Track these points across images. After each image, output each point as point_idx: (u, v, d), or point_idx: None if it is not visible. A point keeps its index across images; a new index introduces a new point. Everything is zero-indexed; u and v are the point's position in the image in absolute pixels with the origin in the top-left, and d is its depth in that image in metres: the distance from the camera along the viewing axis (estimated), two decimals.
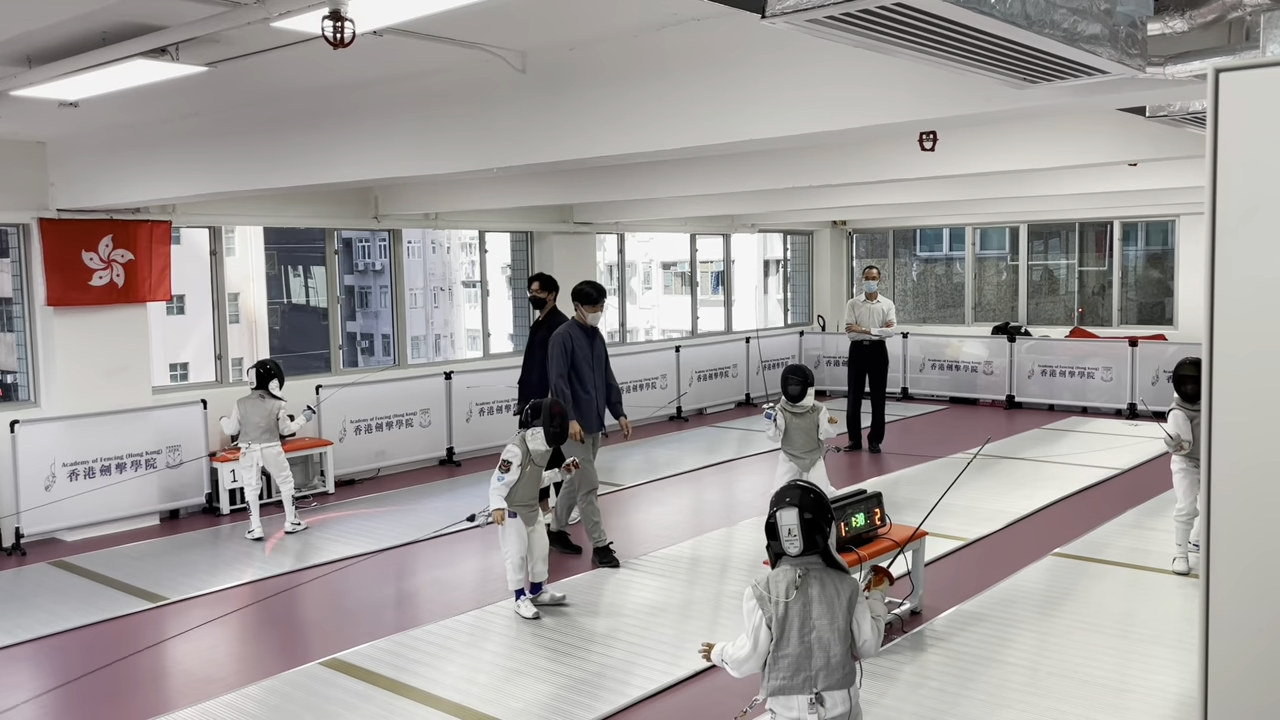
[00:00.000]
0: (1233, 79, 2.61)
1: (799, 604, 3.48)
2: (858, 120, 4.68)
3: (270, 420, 8.27)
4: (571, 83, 5.47)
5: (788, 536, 3.54)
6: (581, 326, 7.74)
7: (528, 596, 6.46)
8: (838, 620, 3.47)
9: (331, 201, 10.63)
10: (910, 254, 17.68)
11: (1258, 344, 2.62)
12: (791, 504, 3.55)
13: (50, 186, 8.50)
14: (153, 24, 4.70)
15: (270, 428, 8.28)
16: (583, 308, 7.74)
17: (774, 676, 3.49)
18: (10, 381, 9.46)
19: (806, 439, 7.31)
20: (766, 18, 2.98)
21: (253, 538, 8.30)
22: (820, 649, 3.46)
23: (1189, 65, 3.73)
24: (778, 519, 3.57)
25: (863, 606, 3.55)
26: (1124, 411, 13.49)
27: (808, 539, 3.51)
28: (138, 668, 5.92)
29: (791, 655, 3.46)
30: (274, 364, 8.50)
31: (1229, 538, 2.68)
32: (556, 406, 6.38)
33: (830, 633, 3.46)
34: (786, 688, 3.47)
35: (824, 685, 3.46)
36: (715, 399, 14.87)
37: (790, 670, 3.46)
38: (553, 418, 6.29)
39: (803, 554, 3.53)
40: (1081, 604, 6.45)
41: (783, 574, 3.54)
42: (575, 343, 7.66)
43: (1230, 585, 2.68)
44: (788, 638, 3.46)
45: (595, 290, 7.76)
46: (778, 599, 3.49)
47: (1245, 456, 2.64)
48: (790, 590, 3.48)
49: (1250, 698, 2.67)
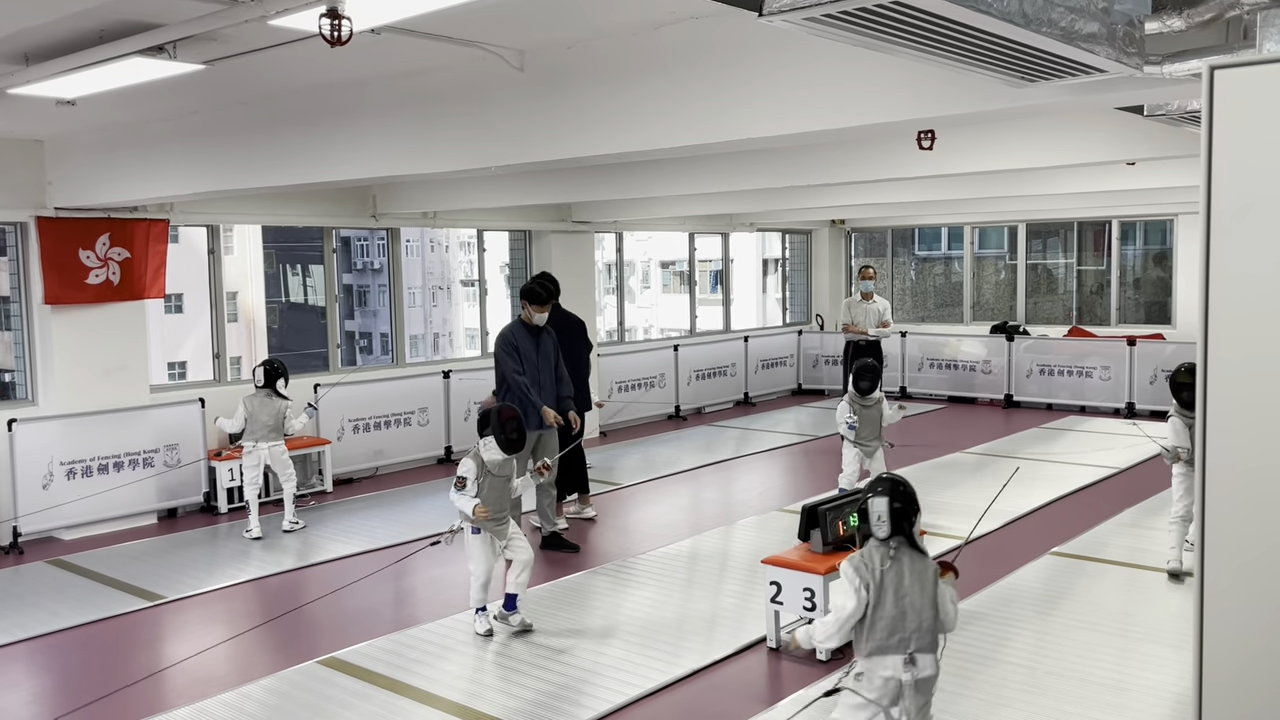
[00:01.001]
0: (1227, 77, 2.61)
1: (893, 573, 3.84)
2: (856, 119, 4.68)
3: (278, 419, 8.31)
4: (570, 81, 5.46)
5: (877, 521, 3.89)
6: (526, 326, 7.66)
7: (488, 613, 6.11)
8: (927, 589, 3.84)
9: (330, 200, 10.62)
10: (909, 253, 17.67)
11: (1252, 342, 2.61)
12: (883, 493, 3.90)
13: (48, 185, 8.49)
14: (150, 22, 4.70)
15: (277, 426, 8.32)
16: (530, 306, 7.62)
17: (871, 639, 3.82)
18: (8, 380, 9.46)
19: (872, 429, 8.22)
20: (764, 16, 2.98)
21: (251, 537, 8.29)
22: (914, 613, 3.81)
23: (1186, 64, 3.73)
24: (869, 505, 3.91)
25: (943, 584, 3.91)
26: (1122, 411, 13.50)
27: (895, 524, 3.87)
28: (135, 666, 5.92)
29: (887, 618, 3.80)
30: (280, 363, 8.53)
31: (1223, 536, 2.68)
32: (508, 412, 5.95)
33: (922, 599, 3.82)
34: (883, 648, 3.81)
35: (916, 647, 3.80)
36: (714, 398, 14.87)
37: (886, 632, 3.81)
38: (504, 424, 5.86)
39: (890, 537, 3.88)
40: (1080, 603, 6.45)
41: (875, 548, 3.90)
42: (520, 341, 7.59)
43: (1224, 584, 2.68)
44: (884, 602, 3.82)
45: (544, 290, 7.65)
46: (874, 567, 3.84)
47: (1239, 454, 2.64)
48: (885, 560, 3.85)
49: (1244, 696, 2.68)
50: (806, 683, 5.35)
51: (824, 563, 5.63)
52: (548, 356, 7.71)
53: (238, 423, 8.37)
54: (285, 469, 8.51)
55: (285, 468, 8.50)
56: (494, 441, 5.85)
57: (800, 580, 5.63)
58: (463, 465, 5.88)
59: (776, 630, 5.83)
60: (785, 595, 5.71)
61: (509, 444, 5.87)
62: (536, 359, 7.64)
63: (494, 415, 5.88)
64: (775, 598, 5.76)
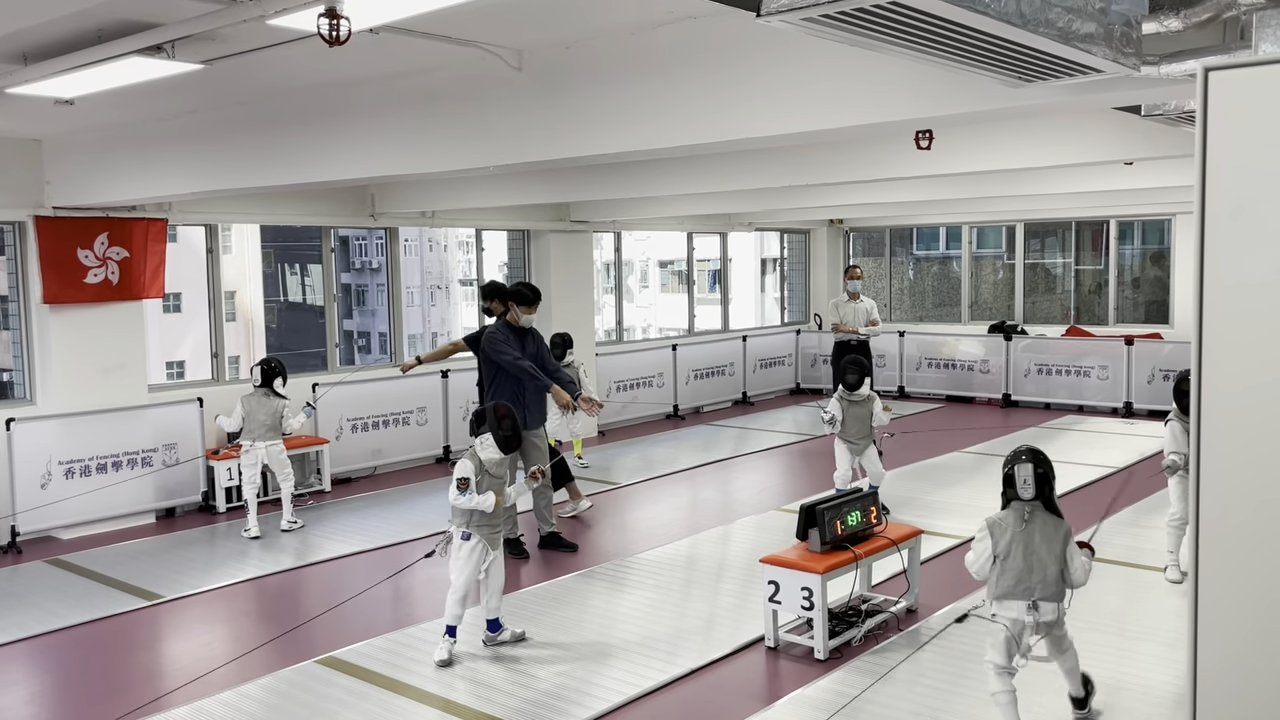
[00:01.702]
0: (1222, 78, 2.61)
1: (1024, 531, 4.44)
2: (853, 119, 4.68)
3: (275, 418, 8.30)
4: (568, 81, 5.47)
5: (1023, 485, 4.46)
6: (512, 327, 7.68)
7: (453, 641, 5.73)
8: (1054, 548, 4.42)
9: (328, 199, 10.62)
10: (907, 252, 17.68)
11: (1247, 343, 2.62)
12: (1027, 460, 4.48)
13: (46, 184, 8.49)
14: (148, 21, 4.70)
15: (275, 425, 8.31)
16: (518, 308, 7.64)
17: (1000, 584, 4.47)
18: (6, 379, 9.45)
19: (861, 426, 8.02)
20: (761, 16, 2.98)
21: (249, 536, 8.29)
22: (1039, 567, 4.41)
23: (1183, 64, 3.73)
24: (1016, 471, 4.48)
25: (1073, 545, 4.47)
26: (1120, 410, 13.51)
27: (1038, 488, 4.46)
28: (133, 666, 5.92)
29: (1015, 569, 4.43)
30: (278, 362, 8.53)
31: (1218, 536, 2.69)
32: (502, 409, 5.75)
33: (1048, 556, 4.42)
34: (1010, 593, 4.45)
35: (1040, 596, 4.41)
36: (712, 397, 14.88)
37: (1013, 580, 4.44)
38: (499, 421, 5.69)
39: (1032, 499, 4.47)
40: (1077, 602, 6.37)
41: (1014, 510, 4.50)
42: (510, 341, 7.59)
43: (1219, 584, 2.68)
44: (1013, 555, 4.44)
45: (532, 292, 7.71)
46: (1007, 525, 4.47)
47: (1234, 455, 2.65)
48: (1020, 522, 4.45)
49: (1239, 695, 2.68)
50: (805, 682, 5.36)
51: (822, 562, 5.63)
52: (533, 358, 7.72)
53: (236, 421, 8.37)
54: (283, 468, 8.51)
55: (283, 467, 8.50)
56: (491, 439, 5.69)
57: (798, 579, 5.63)
58: (461, 467, 5.65)
59: (775, 630, 5.83)
60: (783, 594, 5.71)
61: (506, 441, 5.70)
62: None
63: (490, 412, 5.75)
64: (773, 597, 5.76)
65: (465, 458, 5.72)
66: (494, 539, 5.78)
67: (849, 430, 8.01)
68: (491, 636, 5.94)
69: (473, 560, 5.68)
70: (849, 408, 8.01)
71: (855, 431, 8.01)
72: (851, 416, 8.00)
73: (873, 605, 6.19)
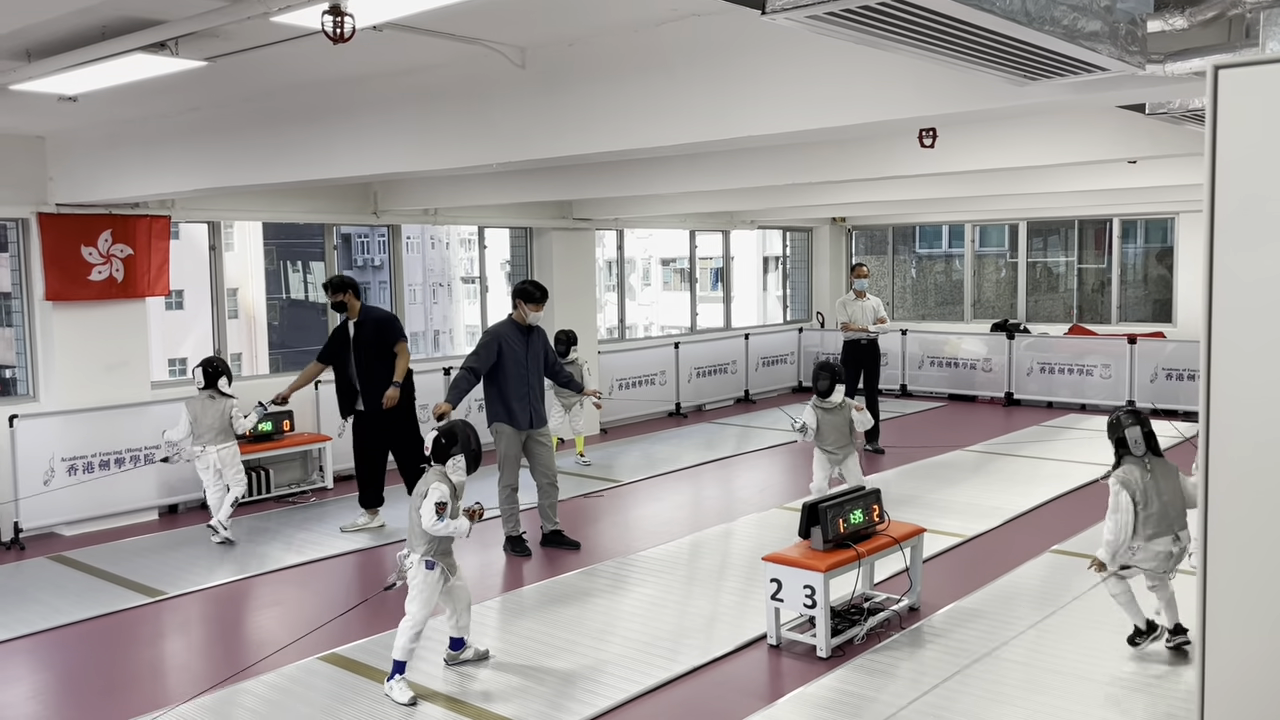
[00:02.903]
0: (1232, 76, 2.61)
1: (1152, 481, 5.23)
2: (857, 117, 4.68)
3: (224, 420, 8.01)
4: (571, 78, 5.46)
5: (1135, 444, 5.28)
6: (518, 325, 7.65)
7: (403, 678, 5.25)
8: (1174, 484, 5.27)
9: (331, 197, 10.62)
10: (909, 251, 17.68)
11: (1256, 341, 2.62)
12: (1135, 423, 5.32)
13: (49, 181, 8.49)
14: (152, 18, 4.70)
15: (224, 428, 8.01)
16: (525, 305, 7.58)
17: (1148, 528, 5.20)
18: (9, 376, 9.45)
19: (839, 434, 7.60)
20: (766, 13, 2.98)
21: (217, 541, 8.05)
22: (1173, 506, 5.24)
23: (1189, 63, 3.73)
24: (1127, 434, 5.30)
25: (1183, 476, 5.28)
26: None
27: (1148, 443, 5.29)
28: (136, 662, 5.93)
29: (1156, 513, 5.20)
30: (221, 361, 8.35)
31: (1226, 535, 2.69)
32: (469, 427, 5.39)
33: (1173, 493, 5.25)
34: (1158, 533, 5.20)
35: (1180, 526, 5.23)
36: (714, 395, 14.87)
37: (1158, 522, 5.21)
38: (469, 438, 5.32)
39: (1144, 455, 5.28)
40: (1079, 601, 6.44)
41: (1135, 465, 5.27)
42: (507, 342, 7.55)
43: (1228, 582, 2.68)
44: (1151, 502, 5.20)
45: (538, 290, 7.62)
46: (1136, 480, 5.21)
47: (1244, 453, 2.65)
48: (1144, 474, 5.24)
49: (1248, 695, 2.68)
50: (807, 680, 5.36)
51: (825, 560, 5.63)
52: (538, 356, 7.72)
53: (183, 428, 8.01)
54: (236, 472, 8.11)
55: (236, 471, 8.11)
56: (463, 461, 5.30)
57: (801, 577, 5.63)
58: (436, 491, 5.15)
59: (777, 628, 5.83)
60: (786, 592, 5.71)
61: (476, 459, 5.37)
62: (526, 358, 7.63)
63: (460, 432, 5.32)
64: (776, 595, 5.76)
65: (438, 481, 5.21)
66: (452, 564, 5.45)
67: (826, 439, 7.57)
68: (454, 655, 5.66)
69: (435, 589, 5.33)
70: (824, 415, 7.54)
71: (833, 440, 7.56)
72: (828, 425, 7.54)
73: (875, 603, 6.19)
